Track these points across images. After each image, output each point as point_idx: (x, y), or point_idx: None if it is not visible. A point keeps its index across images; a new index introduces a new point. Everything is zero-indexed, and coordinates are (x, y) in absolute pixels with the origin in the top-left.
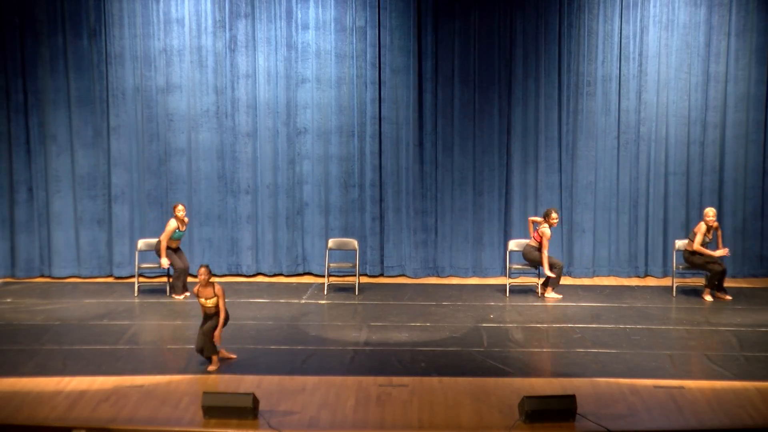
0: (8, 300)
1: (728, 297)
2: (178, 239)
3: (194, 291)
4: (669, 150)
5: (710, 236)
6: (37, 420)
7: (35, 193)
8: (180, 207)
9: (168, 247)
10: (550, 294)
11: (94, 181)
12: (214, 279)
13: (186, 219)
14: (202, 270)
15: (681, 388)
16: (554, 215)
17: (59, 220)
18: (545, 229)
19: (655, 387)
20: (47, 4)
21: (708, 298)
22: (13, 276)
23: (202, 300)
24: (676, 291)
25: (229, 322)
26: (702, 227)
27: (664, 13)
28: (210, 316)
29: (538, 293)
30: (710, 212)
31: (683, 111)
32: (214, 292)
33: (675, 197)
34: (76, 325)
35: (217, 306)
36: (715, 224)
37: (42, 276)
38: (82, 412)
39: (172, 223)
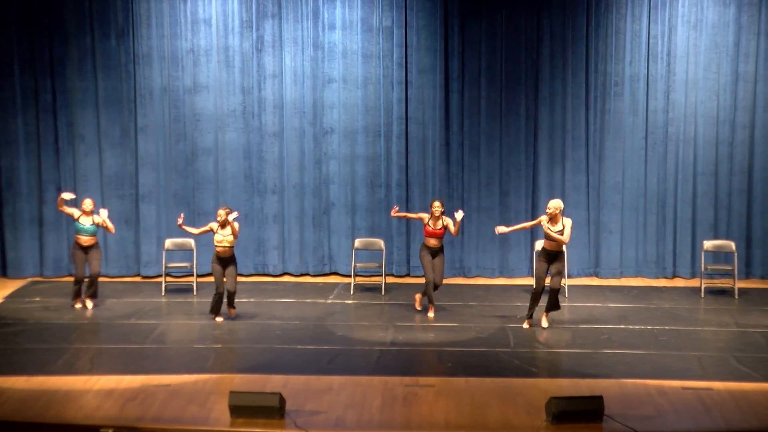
0: (37, 299)
1: None
2: (83, 234)
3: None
4: (697, 150)
5: None
6: (65, 418)
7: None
8: (86, 201)
9: (78, 245)
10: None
11: (122, 181)
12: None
13: (93, 213)
14: (221, 212)
15: (709, 389)
16: (435, 204)
17: None
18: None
19: (683, 388)
20: (75, 4)
21: None
22: (41, 275)
23: (220, 238)
24: (705, 292)
25: (256, 321)
26: None
27: (692, 12)
28: (227, 259)
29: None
30: None
31: (712, 111)
32: (231, 230)
33: (703, 198)
34: (104, 324)
35: (232, 244)
36: None
37: (70, 275)
38: (109, 410)
39: (75, 213)
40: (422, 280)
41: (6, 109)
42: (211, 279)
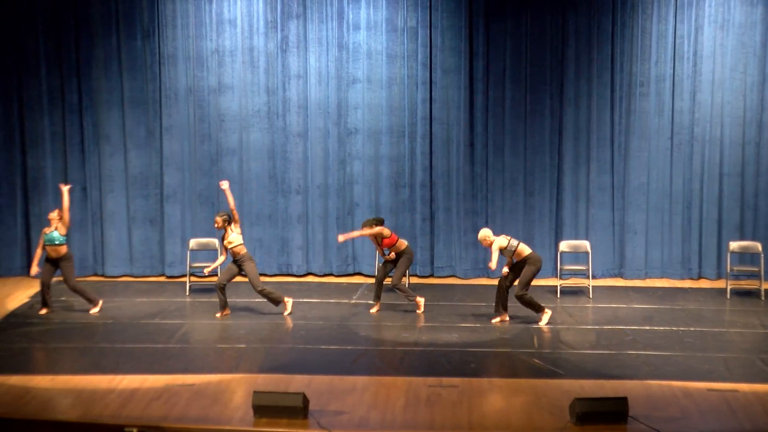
0: (62, 298)
1: None
2: (50, 244)
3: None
4: (723, 151)
5: None
6: (90, 417)
7: (89, 193)
8: (52, 214)
9: (47, 255)
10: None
11: (147, 181)
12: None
13: (56, 223)
14: (217, 218)
15: (735, 391)
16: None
17: (112, 219)
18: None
19: (709, 390)
20: (102, 5)
21: None
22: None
23: (227, 245)
24: (731, 293)
25: (280, 321)
26: None
27: (719, 12)
28: (238, 260)
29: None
30: None
31: (738, 111)
32: (234, 231)
33: (729, 198)
34: (129, 323)
35: (241, 244)
36: None
37: (95, 275)
38: (134, 410)
39: (45, 229)
40: (446, 281)
41: (32, 109)
42: (235, 279)
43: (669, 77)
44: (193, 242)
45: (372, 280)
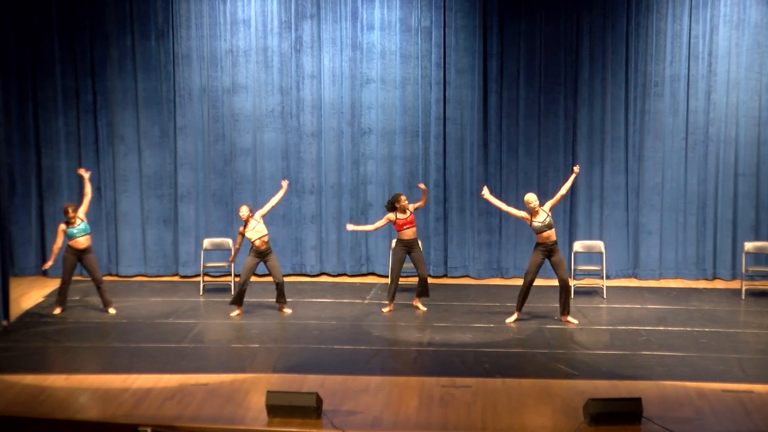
0: (76, 298)
1: None
2: (74, 238)
3: (240, 231)
4: (739, 151)
5: None
6: (104, 417)
7: (103, 193)
8: (69, 208)
9: (72, 249)
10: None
11: (161, 181)
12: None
13: (77, 218)
14: (243, 208)
15: (750, 392)
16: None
17: (126, 219)
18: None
19: (723, 391)
20: (116, 5)
21: None
22: (80, 274)
23: (257, 234)
24: (745, 294)
25: (293, 321)
26: None
27: (734, 12)
28: (265, 252)
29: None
30: None
31: (753, 111)
32: (260, 223)
33: (744, 199)
34: (143, 323)
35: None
36: None
37: (109, 274)
38: (147, 409)
39: (61, 226)
40: (458, 281)
41: (47, 109)
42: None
43: (684, 77)
44: (206, 242)
45: (385, 280)
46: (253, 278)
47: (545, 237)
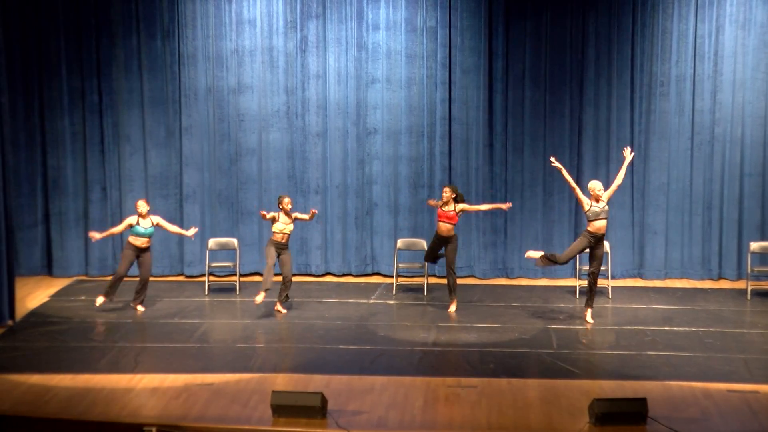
0: (82, 298)
1: None
2: (139, 236)
3: (272, 217)
4: (744, 151)
5: None
6: (109, 416)
7: (109, 193)
8: (140, 203)
9: (133, 246)
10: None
11: (166, 181)
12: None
13: (148, 217)
14: (288, 200)
15: (755, 392)
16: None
17: None
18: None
19: (729, 391)
20: (122, 5)
21: None
22: (86, 274)
23: (282, 227)
24: (751, 294)
25: (299, 321)
26: None
27: (740, 11)
28: (283, 246)
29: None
30: None
31: (760, 111)
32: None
33: (750, 199)
34: (148, 323)
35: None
36: None
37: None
38: (153, 409)
39: (131, 219)
40: (465, 281)
41: (53, 109)
42: (254, 279)
43: (689, 77)
44: (212, 242)
45: (390, 280)
46: (253, 278)
47: (598, 227)
